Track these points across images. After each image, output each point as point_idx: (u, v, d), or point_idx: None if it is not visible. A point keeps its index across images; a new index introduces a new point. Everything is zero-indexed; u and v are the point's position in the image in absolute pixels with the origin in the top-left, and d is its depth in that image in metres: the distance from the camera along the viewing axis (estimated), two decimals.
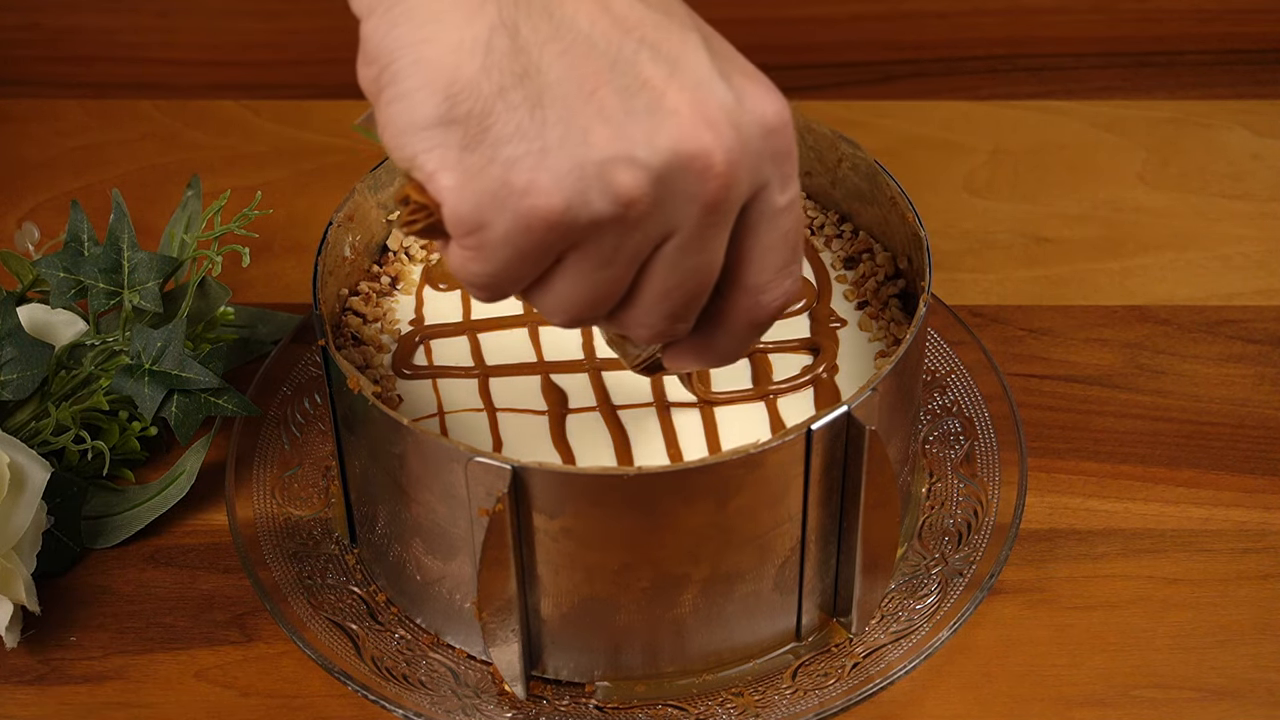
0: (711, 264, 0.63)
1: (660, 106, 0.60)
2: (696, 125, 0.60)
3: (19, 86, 1.08)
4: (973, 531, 0.81)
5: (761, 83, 0.63)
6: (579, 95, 0.60)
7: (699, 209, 0.61)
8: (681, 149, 0.60)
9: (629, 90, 0.60)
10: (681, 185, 0.60)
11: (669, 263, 0.62)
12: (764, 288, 0.65)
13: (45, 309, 0.86)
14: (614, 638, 0.75)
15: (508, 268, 0.62)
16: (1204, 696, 0.77)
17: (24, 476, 0.78)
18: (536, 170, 0.60)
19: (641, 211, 0.60)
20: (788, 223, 0.64)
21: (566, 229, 0.60)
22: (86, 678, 0.79)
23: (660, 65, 0.60)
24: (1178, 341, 0.92)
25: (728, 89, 0.61)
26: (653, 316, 0.64)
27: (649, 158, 0.60)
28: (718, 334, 0.67)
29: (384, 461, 0.74)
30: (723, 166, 0.60)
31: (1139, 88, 1.07)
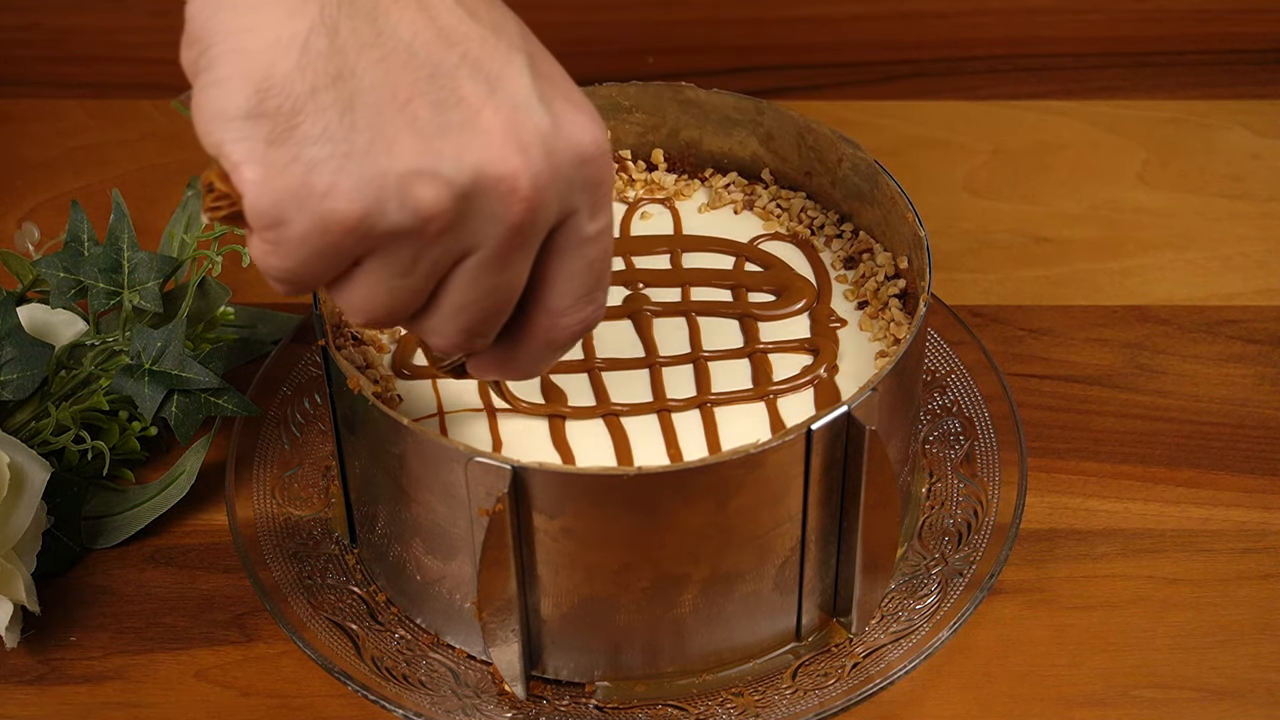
0: (511, 285, 0.63)
1: (473, 124, 0.60)
2: (506, 147, 0.60)
3: (19, 86, 1.08)
4: (973, 531, 0.81)
5: (583, 110, 0.62)
6: (392, 104, 0.59)
7: (502, 230, 0.61)
8: (488, 170, 0.60)
9: (444, 104, 0.60)
10: (485, 205, 0.60)
11: (468, 279, 0.62)
12: (564, 312, 0.65)
13: (45, 309, 0.86)
14: (614, 638, 0.75)
15: (305, 265, 0.61)
16: (1204, 696, 0.77)
17: (24, 476, 0.78)
18: (338, 174, 0.59)
19: (440, 227, 0.60)
20: (594, 251, 0.64)
21: (363, 235, 0.60)
22: (86, 678, 0.79)
23: (479, 83, 0.60)
24: (1178, 341, 0.92)
25: (545, 113, 0.61)
26: (449, 329, 0.64)
27: (453, 174, 0.60)
28: (518, 349, 0.67)
29: (384, 461, 0.74)
30: (528, 191, 0.60)
31: (1139, 88, 1.07)
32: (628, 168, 0.87)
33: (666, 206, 0.86)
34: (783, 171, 0.86)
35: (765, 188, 0.87)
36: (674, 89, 0.86)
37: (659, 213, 0.86)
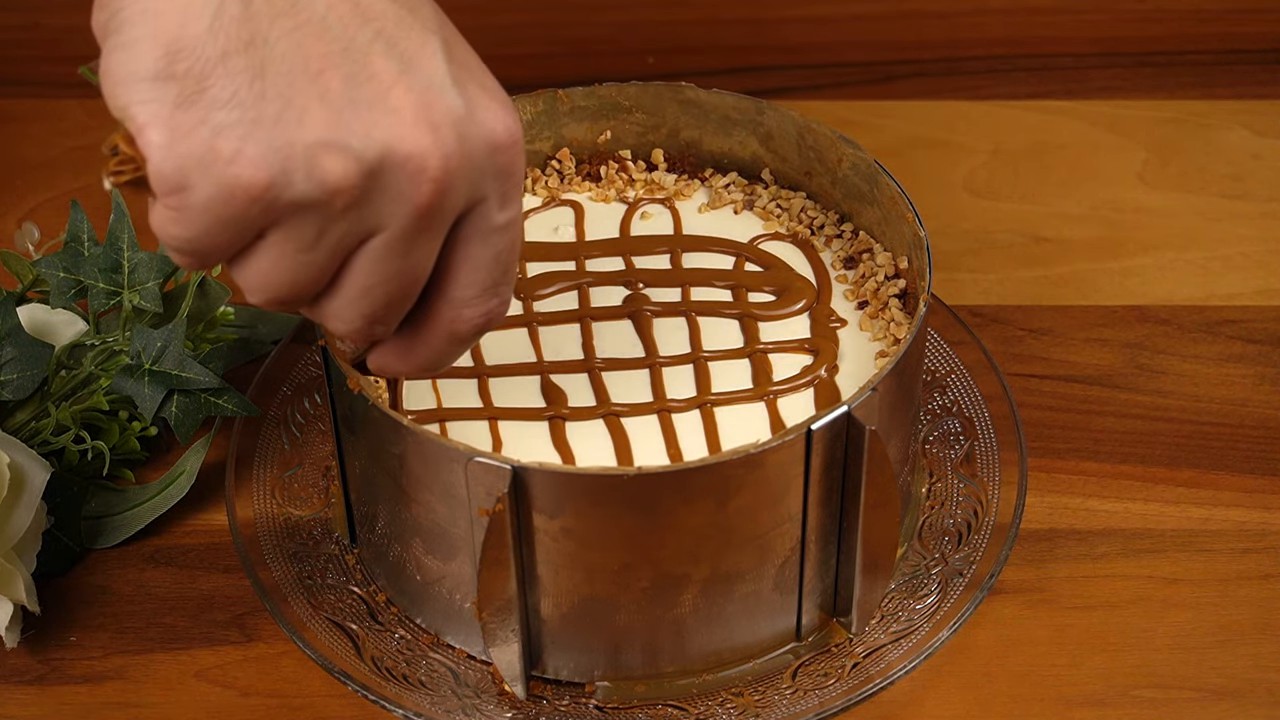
0: (416, 270, 0.62)
1: (384, 101, 0.59)
2: (417, 126, 0.59)
3: (20, 86, 1.08)
4: (973, 531, 0.81)
5: (497, 98, 0.62)
6: (303, 74, 0.59)
7: (409, 210, 0.60)
8: (397, 147, 0.59)
9: (356, 79, 0.59)
10: (392, 183, 0.60)
11: (372, 260, 0.62)
12: (468, 303, 0.64)
13: (45, 309, 0.86)
14: (614, 638, 0.75)
15: (208, 234, 0.60)
16: (1204, 696, 0.77)
17: (24, 476, 0.78)
18: (245, 140, 0.59)
19: (347, 202, 0.60)
20: (501, 242, 0.63)
21: (268, 205, 0.59)
22: (86, 678, 0.79)
23: (392, 60, 0.60)
24: (1178, 341, 0.92)
25: (459, 96, 0.60)
26: (351, 313, 0.63)
27: (362, 149, 0.59)
28: (418, 341, 0.66)
29: (384, 461, 0.74)
30: (437, 172, 0.60)
31: (1139, 88, 1.07)
32: (628, 167, 0.87)
33: (666, 206, 0.86)
34: (783, 171, 0.86)
35: (765, 188, 0.87)
36: (674, 89, 0.86)
37: (659, 213, 0.86)
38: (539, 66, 1.10)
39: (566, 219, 0.86)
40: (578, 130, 0.87)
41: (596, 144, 0.88)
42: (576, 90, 0.86)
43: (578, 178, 0.87)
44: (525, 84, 0.88)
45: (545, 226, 0.85)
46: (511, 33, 1.13)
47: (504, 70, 1.10)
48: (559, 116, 0.87)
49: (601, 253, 0.84)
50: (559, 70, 1.10)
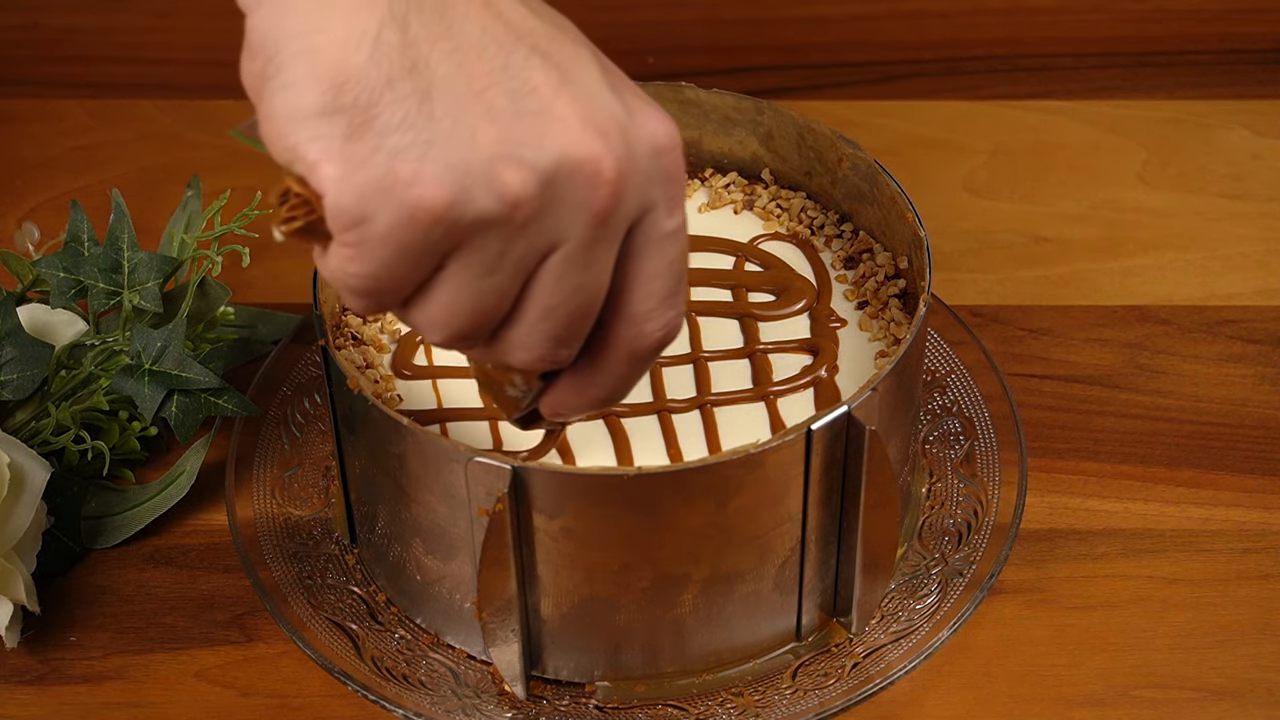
0: (597, 282, 0.62)
1: (549, 110, 0.59)
2: (586, 131, 0.59)
3: (19, 86, 1.08)
4: (973, 531, 0.81)
5: (652, 105, 0.62)
6: (468, 93, 0.59)
7: (588, 217, 0.60)
8: (571, 154, 0.59)
9: (519, 93, 0.59)
10: (570, 191, 0.59)
11: (554, 276, 0.61)
12: (647, 316, 0.63)
13: (45, 309, 0.86)
14: (614, 638, 0.75)
15: (388, 268, 0.59)
16: (1204, 696, 0.77)
17: (24, 476, 0.78)
18: (423, 161, 0.58)
19: (527, 214, 0.59)
20: (674, 250, 0.63)
21: (450, 225, 0.59)
22: (86, 678, 0.79)
23: (551, 73, 0.59)
24: (1178, 341, 0.92)
25: (619, 103, 0.60)
26: (534, 337, 0.63)
27: (537, 158, 0.59)
28: (598, 368, 0.65)
29: (384, 461, 0.74)
30: (612, 174, 0.59)
31: (1139, 88, 1.07)
32: None
33: None
34: (783, 171, 0.86)
35: (765, 188, 0.87)
36: (674, 89, 0.86)
37: None
38: None
39: None
40: None
41: None
42: None
43: None
44: None
45: None
46: None
47: None
48: None
49: None
50: None
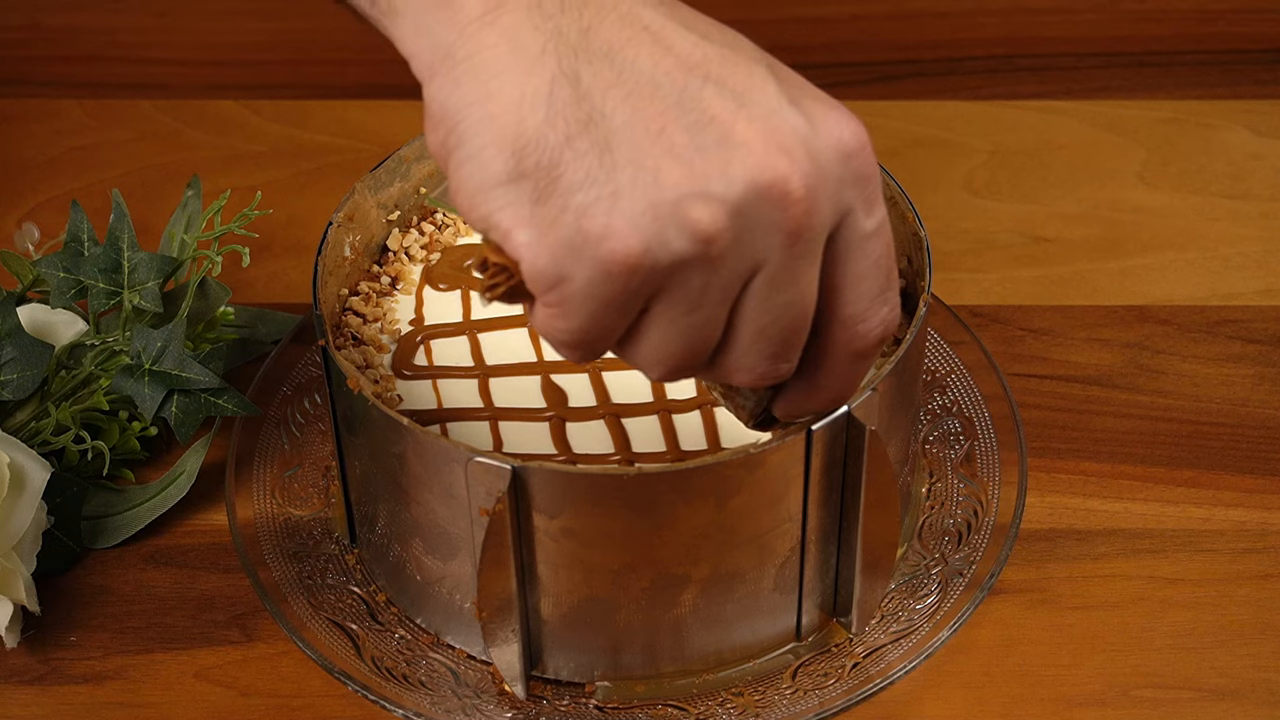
0: (804, 297, 0.62)
1: (730, 139, 0.59)
2: (769, 153, 0.59)
3: (19, 86, 1.08)
4: (973, 531, 0.81)
5: (835, 107, 0.61)
6: (646, 136, 0.59)
7: (783, 239, 0.60)
8: (757, 179, 0.59)
9: (697, 126, 0.59)
10: (761, 216, 0.59)
11: (760, 299, 0.61)
12: (861, 317, 0.63)
13: (45, 309, 0.86)
14: (614, 638, 0.75)
15: (594, 320, 0.60)
16: (1204, 696, 0.77)
17: (24, 476, 0.78)
18: (611, 214, 0.59)
19: (723, 247, 0.59)
20: (878, 248, 0.62)
21: (649, 272, 0.59)
22: (86, 678, 0.79)
23: (727, 99, 0.59)
24: (1178, 341, 0.92)
25: (799, 115, 0.60)
26: (751, 358, 0.63)
27: (724, 191, 0.59)
28: (821, 373, 0.65)
29: (384, 461, 0.74)
30: (801, 192, 0.59)
31: (1139, 87, 1.07)
32: None
33: None
34: None
35: None
36: None
37: None
38: None
39: None
40: None
41: None
42: None
43: None
44: None
45: None
46: None
47: None
48: None
49: None
50: None
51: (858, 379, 0.66)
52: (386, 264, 0.83)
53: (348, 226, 0.80)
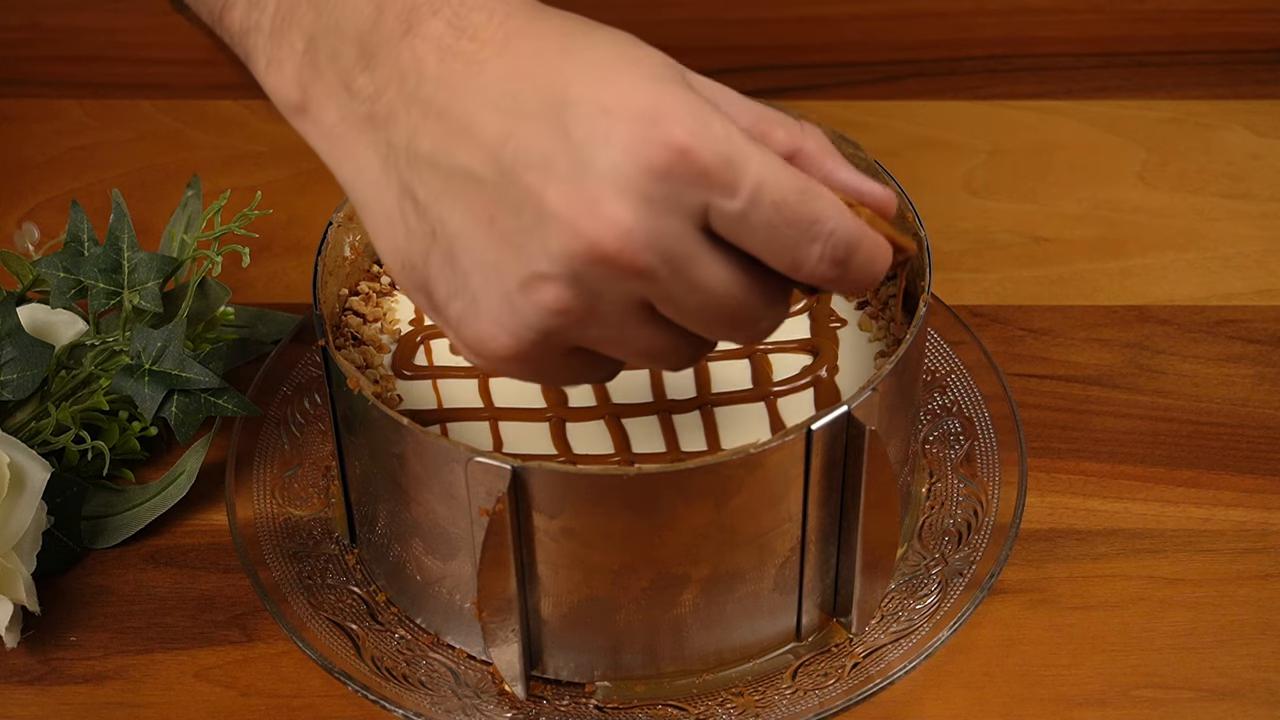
0: (713, 291, 0.61)
1: (543, 212, 0.59)
2: (578, 219, 0.59)
3: (19, 86, 1.08)
4: (973, 531, 0.81)
5: (644, 121, 0.59)
6: (479, 231, 0.60)
7: (634, 281, 0.60)
8: (573, 250, 0.59)
9: (517, 205, 0.59)
10: (598, 274, 0.60)
11: (674, 310, 0.61)
12: (797, 268, 0.61)
13: (45, 309, 0.86)
14: (614, 638, 0.75)
15: (541, 377, 0.64)
16: (1204, 696, 0.77)
17: (24, 476, 0.78)
18: (478, 322, 0.61)
19: (583, 309, 0.60)
20: (761, 216, 0.60)
21: (541, 354, 0.62)
22: (86, 678, 0.79)
23: (536, 169, 0.59)
24: (1178, 341, 0.92)
25: (605, 156, 0.59)
26: (723, 335, 0.63)
27: (551, 268, 0.60)
28: (836, 285, 0.63)
29: (384, 461, 0.74)
30: (616, 246, 0.59)
31: (1139, 87, 1.07)
32: None
33: None
34: None
35: None
36: None
37: None
38: None
39: None
40: None
41: None
42: None
43: None
44: None
45: None
46: None
47: None
48: None
49: None
50: None
51: (859, 275, 0.63)
52: None
53: (348, 226, 0.80)
